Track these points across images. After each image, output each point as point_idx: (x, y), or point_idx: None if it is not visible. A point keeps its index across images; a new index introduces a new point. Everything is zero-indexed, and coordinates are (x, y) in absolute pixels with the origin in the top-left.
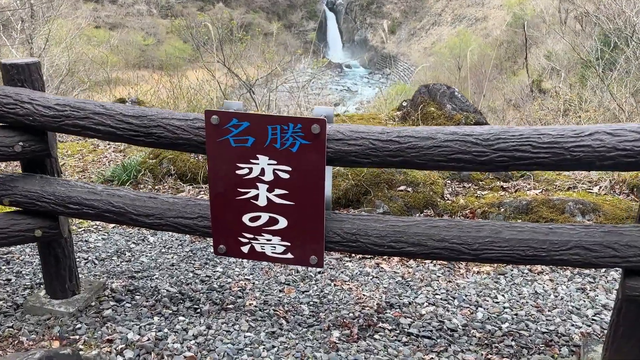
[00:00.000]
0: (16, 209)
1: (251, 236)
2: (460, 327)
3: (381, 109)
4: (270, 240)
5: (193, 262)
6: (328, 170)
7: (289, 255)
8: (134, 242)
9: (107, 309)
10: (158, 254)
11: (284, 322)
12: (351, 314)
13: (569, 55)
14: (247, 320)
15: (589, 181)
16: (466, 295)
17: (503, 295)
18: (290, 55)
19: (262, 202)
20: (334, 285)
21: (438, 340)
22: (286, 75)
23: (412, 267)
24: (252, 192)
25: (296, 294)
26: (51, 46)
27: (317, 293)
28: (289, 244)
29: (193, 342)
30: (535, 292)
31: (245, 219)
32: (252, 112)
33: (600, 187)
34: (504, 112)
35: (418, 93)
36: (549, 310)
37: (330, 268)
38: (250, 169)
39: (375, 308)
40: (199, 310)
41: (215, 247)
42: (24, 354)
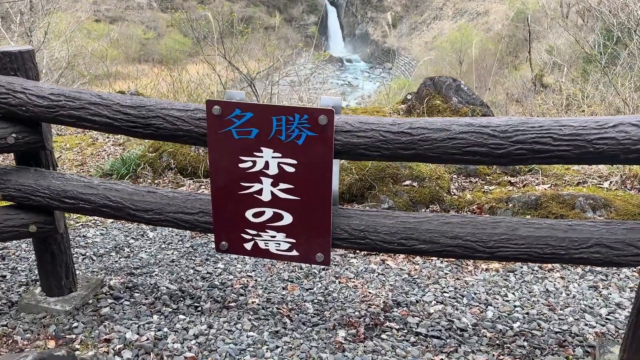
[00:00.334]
0: (10, 203)
1: (255, 232)
2: (470, 326)
3: (383, 103)
4: (274, 236)
5: (194, 258)
6: (335, 164)
7: (294, 253)
8: (133, 238)
9: (105, 307)
10: (158, 249)
11: (287, 321)
12: (357, 313)
13: (570, 50)
14: (250, 319)
15: (599, 176)
16: (475, 293)
17: (513, 294)
18: (291, 49)
19: (266, 197)
20: (339, 282)
21: (447, 341)
22: (287, 68)
23: (418, 264)
24: (256, 187)
25: (300, 291)
26: (51, 39)
27: (322, 290)
28: (294, 240)
29: (194, 342)
30: (547, 290)
31: (249, 214)
32: (256, 103)
33: (610, 182)
34: (506, 106)
35: (423, 86)
36: (561, 309)
37: (335, 265)
38: (254, 162)
39: (381, 306)
40: (199, 309)
41: (216, 244)
42: (17, 356)
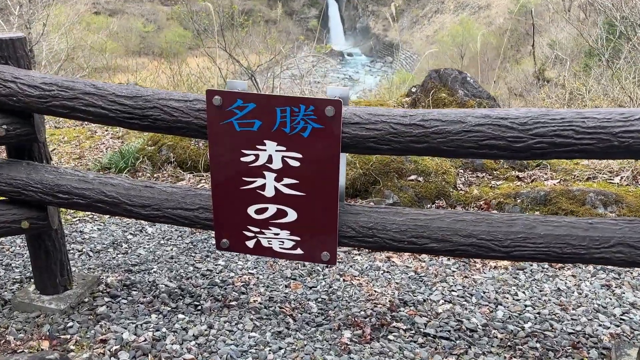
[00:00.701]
0: (1, 198)
1: (257, 230)
2: (480, 327)
3: (385, 97)
4: (278, 234)
5: (193, 254)
6: (342, 158)
7: (299, 251)
8: (131, 233)
9: (101, 305)
10: (156, 245)
11: (290, 320)
12: (362, 312)
13: (572, 44)
14: (252, 319)
15: (609, 171)
16: (484, 292)
17: (523, 292)
18: (292, 42)
19: (269, 192)
20: (343, 280)
21: (457, 342)
22: (289, 61)
23: (424, 262)
24: (259, 182)
25: (303, 289)
26: (50, 32)
27: (326, 289)
28: (298, 238)
29: (193, 343)
30: (558, 288)
31: (251, 211)
32: (259, 93)
33: (621, 178)
34: (509, 100)
35: (428, 78)
36: (573, 309)
37: (339, 262)
38: (257, 156)
39: (387, 306)
40: (199, 308)
41: (217, 242)
42: (8, 357)
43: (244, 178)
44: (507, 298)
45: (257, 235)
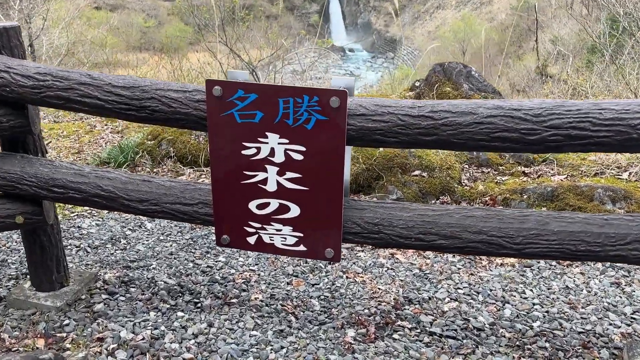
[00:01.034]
0: None
1: (259, 226)
2: (487, 325)
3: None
4: (280, 230)
5: (193, 250)
6: (347, 151)
7: (302, 248)
8: (130, 229)
9: (99, 302)
10: (156, 241)
11: (293, 318)
12: (366, 311)
13: (574, 40)
14: (253, 317)
15: (617, 167)
16: (491, 290)
17: (531, 290)
18: (293, 37)
19: (271, 187)
20: (346, 277)
21: (464, 341)
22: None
23: (429, 258)
24: (260, 176)
25: (305, 287)
26: (50, 26)
27: (328, 286)
28: (301, 234)
29: (193, 341)
30: (566, 286)
31: (252, 206)
32: (261, 83)
33: (630, 173)
34: (511, 96)
35: (432, 72)
36: (582, 307)
37: (342, 258)
38: (258, 149)
39: (392, 304)
40: (199, 305)
41: (217, 238)
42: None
43: (245, 172)
44: (515, 296)
45: (258, 231)
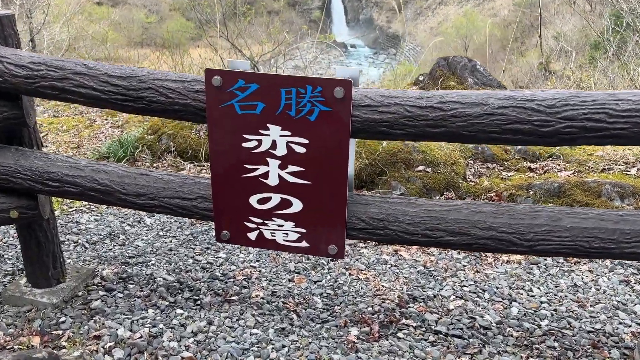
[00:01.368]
0: None
1: (260, 221)
2: (494, 324)
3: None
4: (282, 225)
5: (193, 246)
6: (352, 144)
7: (304, 244)
8: (129, 224)
9: (96, 299)
10: (155, 237)
11: (294, 316)
12: (370, 308)
13: (577, 37)
14: (254, 315)
15: (625, 162)
16: (497, 288)
17: (538, 288)
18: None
19: (272, 181)
20: (349, 274)
21: (470, 340)
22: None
23: (434, 255)
24: (262, 169)
25: (307, 284)
26: (51, 21)
27: (331, 283)
28: (304, 230)
29: (192, 340)
30: (574, 284)
31: (253, 200)
32: (262, 72)
33: (638, 169)
34: None
35: (437, 66)
36: (591, 306)
37: (345, 255)
38: (259, 142)
39: (396, 301)
40: (199, 302)
41: (217, 233)
42: None
43: (245, 165)
44: (522, 294)
45: (259, 226)
